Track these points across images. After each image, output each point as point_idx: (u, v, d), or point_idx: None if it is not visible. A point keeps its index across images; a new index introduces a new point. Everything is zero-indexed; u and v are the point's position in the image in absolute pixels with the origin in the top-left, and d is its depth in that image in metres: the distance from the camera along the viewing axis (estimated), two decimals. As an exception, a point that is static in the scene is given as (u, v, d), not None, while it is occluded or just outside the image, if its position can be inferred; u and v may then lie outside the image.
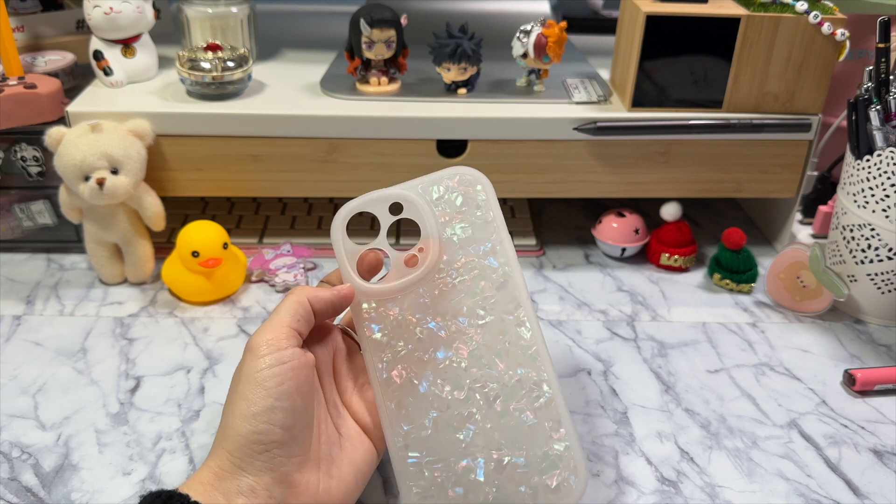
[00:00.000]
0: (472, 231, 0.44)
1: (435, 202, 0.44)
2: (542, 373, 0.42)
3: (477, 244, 0.44)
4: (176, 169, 0.66)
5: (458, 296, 0.43)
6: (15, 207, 0.68)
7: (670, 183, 0.69)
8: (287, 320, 0.40)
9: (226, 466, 0.37)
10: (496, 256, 0.43)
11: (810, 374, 0.58)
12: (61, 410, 0.52)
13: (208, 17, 0.71)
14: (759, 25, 0.62)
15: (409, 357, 0.42)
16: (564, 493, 0.40)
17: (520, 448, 0.41)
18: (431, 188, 0.44)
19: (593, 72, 0.75)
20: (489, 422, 0.41)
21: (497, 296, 0.43)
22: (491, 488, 0.40)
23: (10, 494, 0.46)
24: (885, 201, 0.60)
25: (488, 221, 0.44)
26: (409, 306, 0.43)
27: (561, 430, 0.41)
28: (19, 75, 0.64)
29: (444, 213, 0.44)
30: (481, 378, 0.42)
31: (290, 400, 0.38)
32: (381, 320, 0.43)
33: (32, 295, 0.65)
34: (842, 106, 0.66)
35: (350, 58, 0.68)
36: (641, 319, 0.64)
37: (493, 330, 0.42)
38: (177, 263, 0.63)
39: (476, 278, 0.43)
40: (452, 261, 0.43)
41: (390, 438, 0.42)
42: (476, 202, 0.44)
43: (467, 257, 0.43)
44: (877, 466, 0.50)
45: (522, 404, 0.41)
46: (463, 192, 0.44)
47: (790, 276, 0.65)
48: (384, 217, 0.44)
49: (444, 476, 0.41)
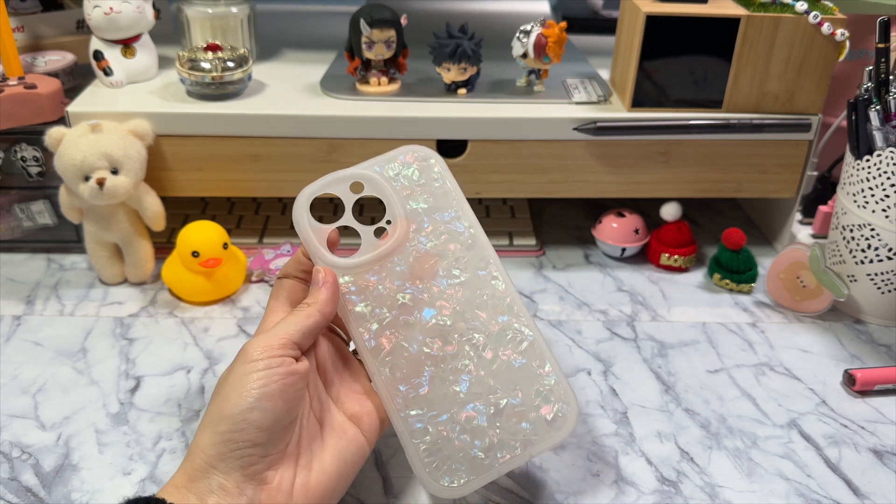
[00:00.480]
0: (434, 200, 0.46)
1: (393, 178, 0.45)
2: (520, 318, 0.45)
3: (441, 212, 0.46)
4: (176, 169, 0.66)
5: (432, 259, 0.45)
6: (15, 207, 0.68)
7: (670, 183, 0.69)
8: (289, 333, 0.41)
9: (198, 466, 0.37)
10: (461, 221, 0.46)
11: (810, 374, 0.58)
12: (61, 410, 0.52)
13: (208, 17, 0.71)
14: (759, 25, 0.62)
15: (395, 322, 0.44)
16: (559, 423, 0.43)
17: (514, 389, 0.44)
18: (387, 166, 0.46)
19: (593, 72, 0.75)
20: (482, 369, 0.44)
21: (468, 255, 0.45)
22: (494, 431, 0.43)
23: (10, 494, 0.46)
24: (885, 201, 0.60)
25: (447, 191, 0.46)
26: (386, 276, 0.44)
27: (546, 366, 0.44)
28: (19, 75, 0.64)
29: (404, 188, 0.45)
30: (467, 331, 0.44)
31: (272, 401, 0.38)
32: (360, 292, 0.44)
33: (32, 295, 0.65)
34: (842, 106, 0.66)
35: (350, 58, 0.68)
36: (641, 319, 0.64)
37: (470, 286, 0.45)
38: (177, 263, 0.63)
39: (445, 242, 0.45)
40: (420, 229, 0.45)
41: (389, 403, 0.43)
42: (432, 175, 0.46)
43: (433, 224, 0.45)
44: (877, 466, 0.50)
45: (509, 349, 0.44)
46: (419, 166, 0.46)
47: (790, 276, 0.65)
48: (346, 196, 0.45)
49: (449, 427, 0.43)
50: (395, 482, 0.48)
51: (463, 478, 0.42)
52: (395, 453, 0.50)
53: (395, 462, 0.49)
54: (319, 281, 0.43)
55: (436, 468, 0.42)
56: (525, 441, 0.43)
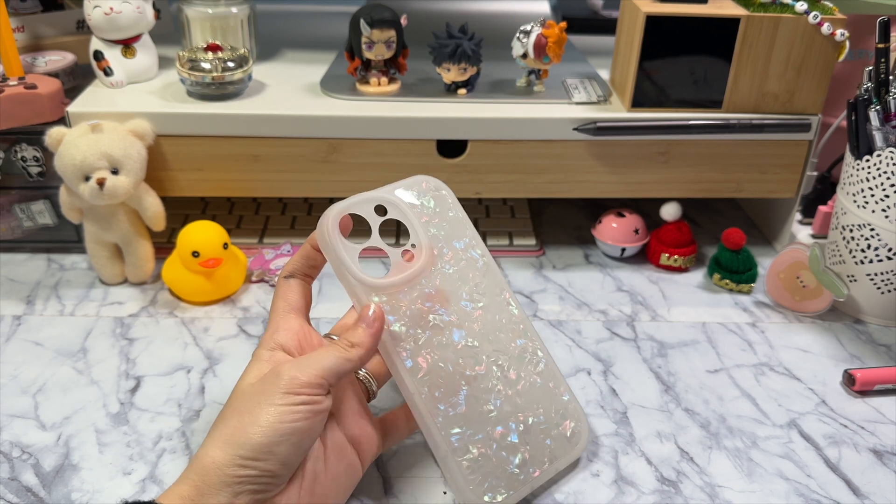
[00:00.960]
0: (449, 228, 0.47)
1: (415, 204, 0.46)
2: (535, 342, 0.48)
3: (456, 240, 0.47)
4: (176, 169, 0.66)
5: (455, 283, 0.46)
6: (15, 207, 0.68)
7: (670, 183, 0.69)
8: (329, 375, 0.39)
9: (211, 482, 0.36)
10: (474, 249, 0.47)
11: (810, 374, 0.59)
12: (61, 410, 0.52)
13: (208, 17, 0.71)
14: (759, 25, 0.62)
15: (430, 343, 0.44)
16: (576, 439, 0.47)
17: (537, 408, 0.46)
18: (407, 192, 0.47)
19: (593, 72, 0.75)
20: (509, 389, 0.46)
21: (485, 281, 0.47)
22: (525, 447, 0.45)
23: (10, 494, 0.46)
24: (884, 201, 0.60)
25: (459, 219, 0.48)
26: (416, 297, 0.44)
27: (561, 386, 0.48)
28: (19, 75, 0.64)
29: (422, 214, 0.46)
30: (493, 353, 0.46)
31: (299, 436, 0.38)
32: (394, 312, 0.44)
33: (32, 295, 0.65)
34: (842, 106, 0.66)
35: (350, 58, 0.68)
36: (641, 319, 0.64)
37: (490, 310, 0.47)
38: (177, 263, 0.63)
39: (464, 269, 0.46)
40: (441, 254, 0.46)
41: (430, 421, 0.43)
42: (446, 204, 0.47)
43: (452, 251, 0.46)
44: (877, 466, 0.50)
45: (528, 370, 0.47)
46: (433, 196, 0.47)
47: (790, 276, 0.65)
48: (371, 218, 0.45)
49: (486, 444, 0.44)
50: (395, 482, 0.48)
51: (503, 493, 0.44)
52: (395, 453, 0.50)
53: (395, 462, 0.49)
54: (369, 320, 0.41)
55: (478, 485, 0.43)
56: (551, 456, 0.46)
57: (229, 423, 0.38)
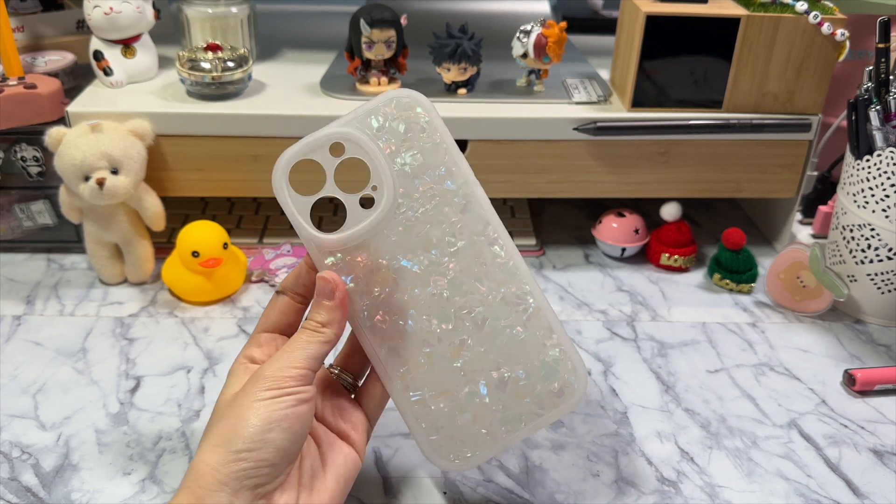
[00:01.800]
0: (423, 157, 0.41)
1: (376, 134, 0.41)
2: (523, 285, 0.42)
3: (431, 170, 0.41)
4: (176, 169, 0.66)
5: (424, 227, 0.41)
6: (15, 207, 0.68)
7: (670, 183, 0.69)
8: (310, 363, 0.39)
9: (207, 485, 0.36)
10: (453, 178, 0.41)
11: (810, 374, 0.58)
12: (61, 410, 0.52)
13: (208, 17, 0.71)
14: (759, 25, 0.62)
15: (389, 300, 0.41)
16: (567, 395, 0.42)
17: (517, 362, 0.42)
18: (369, 119, 0.41)
19: (593, 72, 0.75)
20: (482, 345, 0.42)
21: (463, 219, 0.41)
22: (497, 406, 0.42)
23: (10, 494, 0.46)
24: (885, 201, 0.60)
25: (436, 143, 0.41)
26: (375, 249, 0.41)
27: (553, 336, 0.42)
28: (19, 75, 0.64)
29: (388, 144, 0.41)
30: (466, 304, 0.42)
31: (290, 423, 0.37)
32: (350, 270, 0.41)
33: (32, 295, 0.65)
34: (842, 106, 0.66)
35: (350, 58, 0.68)
36: (641, 319, 0.64)
37: (468, 254, 0.41)
38: (177, 263, 0.63)
39: (438, 205, 0.41)
40: (410, 192, 0.41)
41: (389, 383, 0.42)
42: (420, 125, 0.41)
43: (424, 185, 0.41)
44: (877, 466, 0.50)
45: (511, 320, 0.42)
46: (403, 117, 0.41)
47: (790, 276, 0.65)
48: (327, 161, 0.41)
49: (451, 405, 0.42)
50: (395, 482, 0.48)
51: (467, 453, 0.42)
52: (395, 453, 0.50)
53: (395, 462, 0.49)
54: (330, 293, 0.40)
55: (439, 445, 0.42)
56: (529, 414, 0.42)
57: (217, 428, 0.38)
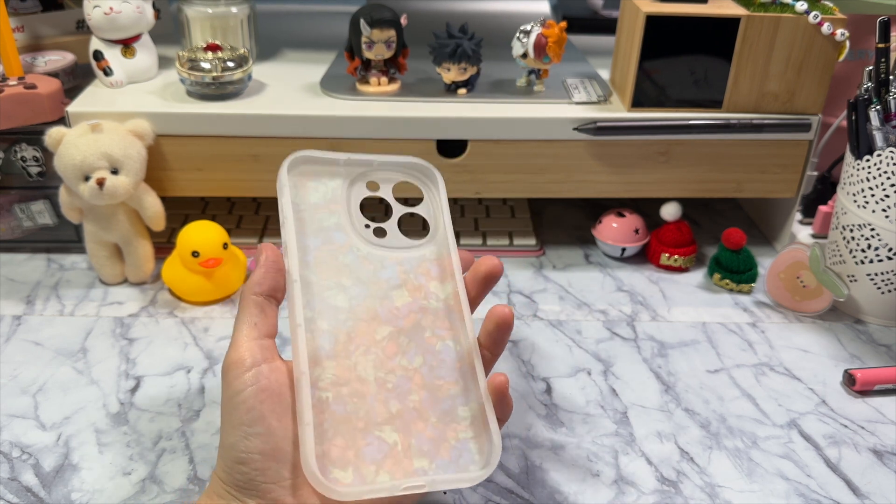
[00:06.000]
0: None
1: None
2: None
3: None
4: (176, 169, 0.66)
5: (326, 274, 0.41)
6: (15, 207, 0.68)
7: (670, 183, 0.69)
8: (245, 332, 0.38)
9: (222, 494, 0.36)
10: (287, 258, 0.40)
11: (810, 374, 0.58)
12: (61, 410, 0.52)
13: (208, 17, 0.71)
14: (759, 25, 0.62)
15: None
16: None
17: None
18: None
19: (593, 72, 0.75)
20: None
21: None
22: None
23: (10, 494, 0.46)
24: (885, 201, 0.60)
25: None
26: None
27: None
28: (19, 75, 0.64)
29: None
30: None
31: (264, 424, 0.36)
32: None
33: (32, 295, 0.65)
34: (842, 106, 0.66)
35: (350, 58, 0.68)
36: (641, 319, 0.64)
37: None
38: (177, 263, 0.63)
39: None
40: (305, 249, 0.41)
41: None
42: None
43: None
44: (877, 466, 0.50)
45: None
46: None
47: (790, 276, 0.65)
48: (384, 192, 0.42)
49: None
50: (395, 482, 0.48)
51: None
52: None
53: (395, 462, 0.49)
54: (263, 260, 0.40)
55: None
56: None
57: (220, 430, 0.38)
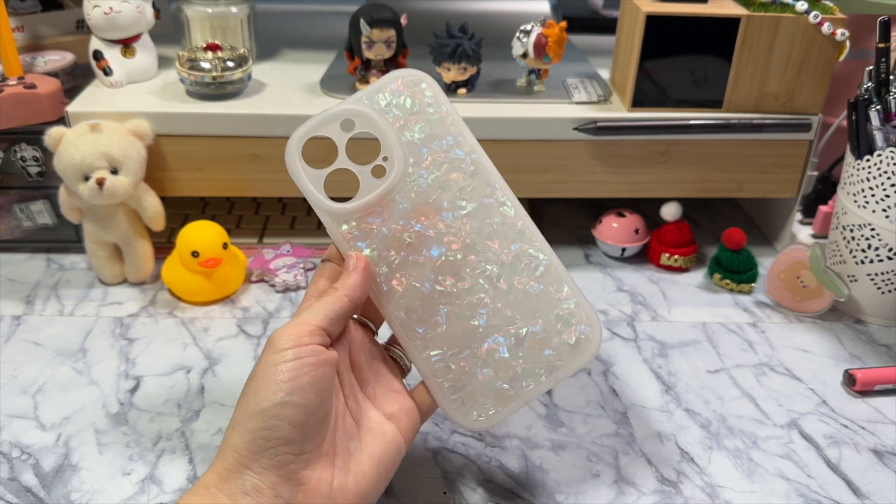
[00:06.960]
0: (430, 128, 0.43)
1: (384, 109, 0.43)
2: (533, 243, 0.43)
3: (438, 139, 0.43)
4: (176, 169, 0.66)
5: (435, 192, 0.43)
6: (15, 207, 0.68)
7: (670, 183, 0.69)
8: (317, 320, 0.39)
9: (231, 466, 0.36)
10: (460, 147, 0.44)
11: (810, 374, 0.58)
12: (61, 410, 0.52)
13: (208, 17, 0.71)
14: (759, 25, 0.62)
15: (404, 263, 0.43)
16: (584, 346, 0.43)
17: (533, 317, 0.43)
18: (377, 97, 0.43)
19: (593, 72, 0.75)
20: (498, 301, 0.43)
21: (472, 183, 0.43)
22: (517, 361, 0.43)
23: (10, 494, 0.46)
24: (885, 201, 0.60)
25: (443, 116, 0.43)
26: (389, 216, 0.43)
27: (565, 289, 0.43)
28: (19, 75, 0.64)
29: (396, 119, 0.43)
30: (479, 263, 0.43)
31: (303, 396, 0.37)
32: (365, 236, 0.43)
33: (32, 295, 0.65)
34: (842, 106, 0.66)
35: (350, 58, 0.68)
36: (641, 319, 0.64)
37: (478, 216, 0.43)
38: (177, 263, 0.63)
39: (447, 171, 0.43)
40: (419, 161, 0.43)
41: (408, 345, 0.43)
42: (425, 101, 0.44)
43: (432, 155, 0.43)
44: (877, 466, 0.50)
45: (524, 277, 0.43)
46: (409, 93, 0.43)
47: (790, 276, 0.65)
48: (338, 136, 0.43)
49: (471, 362, 0.43)
50: (395, 482, 0.48)
51: (490, 409, 0.43)
52: (395, 453, 0.50)
53: (395, 462, 0.49)
54: (350, 266, 0.41)
55: (462, 404, 0.43)
56: (549, 367, 0.43)
57: (239, 402, 0.38)
